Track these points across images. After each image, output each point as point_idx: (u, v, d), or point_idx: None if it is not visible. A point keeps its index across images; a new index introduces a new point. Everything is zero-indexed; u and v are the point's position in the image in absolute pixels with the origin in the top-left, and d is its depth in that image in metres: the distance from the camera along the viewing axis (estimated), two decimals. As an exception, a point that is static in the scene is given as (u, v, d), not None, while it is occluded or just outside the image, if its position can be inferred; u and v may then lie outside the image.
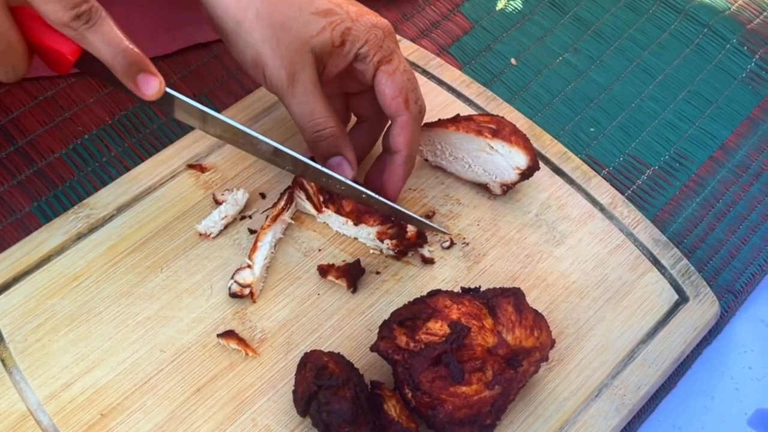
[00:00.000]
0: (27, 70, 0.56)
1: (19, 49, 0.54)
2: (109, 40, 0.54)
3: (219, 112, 0.73)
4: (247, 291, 0.62)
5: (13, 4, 0.53)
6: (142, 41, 0.76)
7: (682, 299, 0.67)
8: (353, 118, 0.71)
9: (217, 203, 0.67)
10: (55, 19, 0.53)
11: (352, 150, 0.64)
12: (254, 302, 0.63)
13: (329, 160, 0.64)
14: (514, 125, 0.69)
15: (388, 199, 0.65)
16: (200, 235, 0.65)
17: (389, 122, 0.65)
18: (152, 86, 0.56)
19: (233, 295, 0.62)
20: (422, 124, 0.68)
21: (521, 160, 0.67)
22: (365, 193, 0.63)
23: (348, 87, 0.66)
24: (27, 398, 0.58)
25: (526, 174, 0.68)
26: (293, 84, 0.61)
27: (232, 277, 0.63)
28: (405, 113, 0.63)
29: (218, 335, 0.61)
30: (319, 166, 0.62)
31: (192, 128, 0.71)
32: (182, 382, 0.59)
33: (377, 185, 0.65)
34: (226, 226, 0.66)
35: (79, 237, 0.65)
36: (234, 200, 0.66)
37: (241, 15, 0.60)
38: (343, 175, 0.63)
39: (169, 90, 0.58)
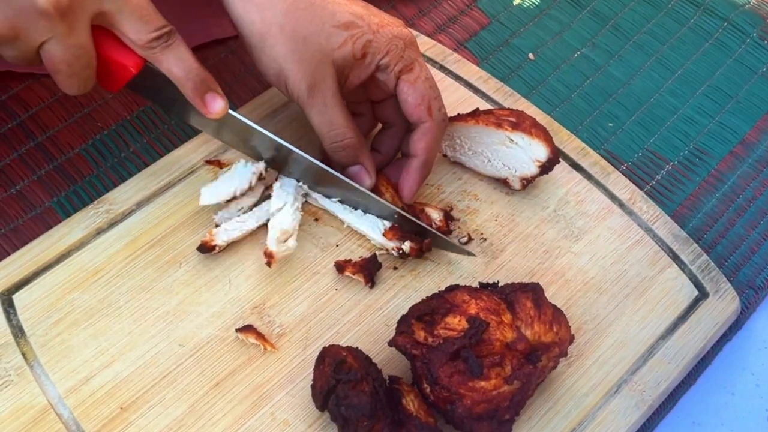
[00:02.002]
0: (93, 85, 0.59)
1: (94, 64, 0.57)
2: (183, 60, 0.58)
3: (236, 108, 0.74)
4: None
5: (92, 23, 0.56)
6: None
7: (702, 295, 0.67)
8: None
9: (221, 166, 0.67)
10: (135, 39, 0.57)
11: (371, 159, 0.66)
12: (269, 267, 0.63)
13: (348, 168, 0.66)
14: (534, 118, 0.68)
15: (402, 200, 0.66)
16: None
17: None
18: (218, 105, 0.60)
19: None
20: None
21: (541, 152, 0.67)
22: (378, 202, 0.65)
23: (372, 95, 0.67)
24: (48, 392, 0.58)
25: (547, 167, 0.67)
26: (313, 95, 0.62)
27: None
28: (428, 120, 0.63)
29: (237, 330, 0.61)
30: (339, 175, 0.65)
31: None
32: (201, 377, 0.60)
33: (394, 183, 0.67)
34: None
35: (99, 232, 0.65)
36: (243, 171, 0.66)
37: (265, 30, 0.61)
38: (361, 183, 0.65)
39: (232, 112, 0.62)
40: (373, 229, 0.66)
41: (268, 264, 0.63)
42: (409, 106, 0.63)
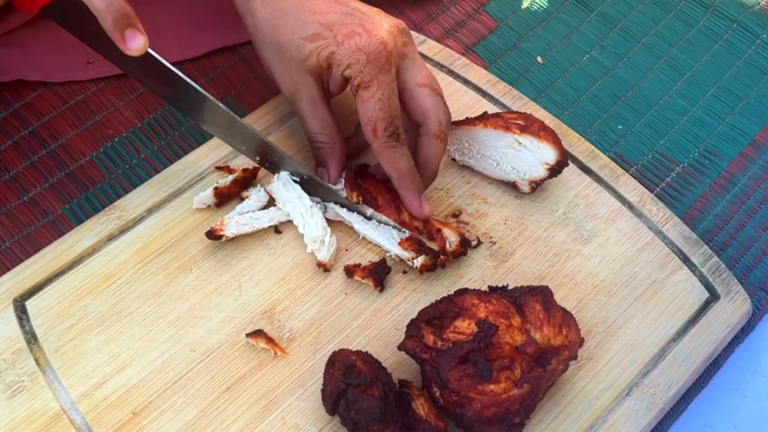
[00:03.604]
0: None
1: None
2: None
3: (245, 114, 0.74)
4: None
5: None
6: (169, 45, 0.78)
7: (713, 297, 0.67)
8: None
9: (241, 199, 0.67)
10: None
11: (338, 165, 0.68)
12: (328, 271, 0.65)
13: (317, 167, 0.69)
14: (542, 121, 0.68)
15: (416, 218, 0.66)
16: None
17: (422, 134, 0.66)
18: (138, 41, 0.57)
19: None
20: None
21: (550, 155, 0.67)
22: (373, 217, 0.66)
23: None
24: (60, 397, 0.58)
25: (555, 170, 0.67)
26: (294, 100, 0.67)
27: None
28: (373, 141, 0.63)
29: (247, 335, 0.61)
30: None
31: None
32: (212, 381, 0.60)
33: None
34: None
35: (110, 238, 0.65)
36: (258, 197, 0.67)
37: (254, 35, 0.66)
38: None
39: (151, 51, 0.60)
40: (388, 239, 0.66)
41: (326, 270, 0.65)
42: (361, 123, 0.64)
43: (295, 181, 0.67)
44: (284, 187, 0.66)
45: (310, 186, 0.67)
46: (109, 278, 0.64)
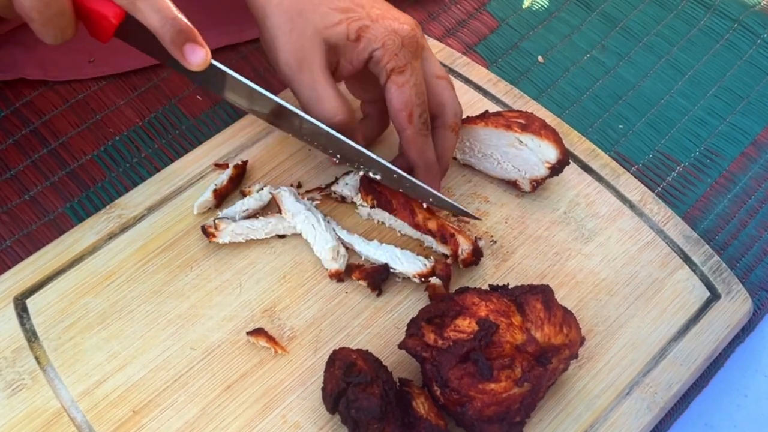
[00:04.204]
0: (73, 34, 0.56)
1: (70, 13, 0.55)
2: (159, 8, 0.55)
3: (246, 113, 0.74)
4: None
5: None
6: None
7: (714, 296, 0.67)
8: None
9: (243, 194, 0.67)
10: None
11: (360, 136, 0.66)
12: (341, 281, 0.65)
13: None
14: (544, 120, 0.68)
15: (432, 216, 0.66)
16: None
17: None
18: (198, 56, 0.57)
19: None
20: None
21: (551, 153, 0.67)
22: (397, 173, 0.63)
23: (374, 92, 0.66)
24: (61, 395, 0.58)
25: (557, 168, 0.67)
26: (301, 70, 0.62)
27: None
28: (408, 128, 0.62)
29: (248, 333, 0.61)
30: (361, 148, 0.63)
31: (220, 129, 0.72)
32: (212, 380, 0.60)
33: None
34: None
35: (111, 237, 0.65)
36: (259, 195, 0.67)
37: (266, 1, 0.62)
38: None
39: (215, 62, 0.59)
40: (391, 258, 0.65)
41: (341, 281, 0.65)
42: (392, 110, 0.62)
43: (372, 179, 0.65)
44: (295, 198, 0.66)
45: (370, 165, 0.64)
46: (110, 276, 0.64)
